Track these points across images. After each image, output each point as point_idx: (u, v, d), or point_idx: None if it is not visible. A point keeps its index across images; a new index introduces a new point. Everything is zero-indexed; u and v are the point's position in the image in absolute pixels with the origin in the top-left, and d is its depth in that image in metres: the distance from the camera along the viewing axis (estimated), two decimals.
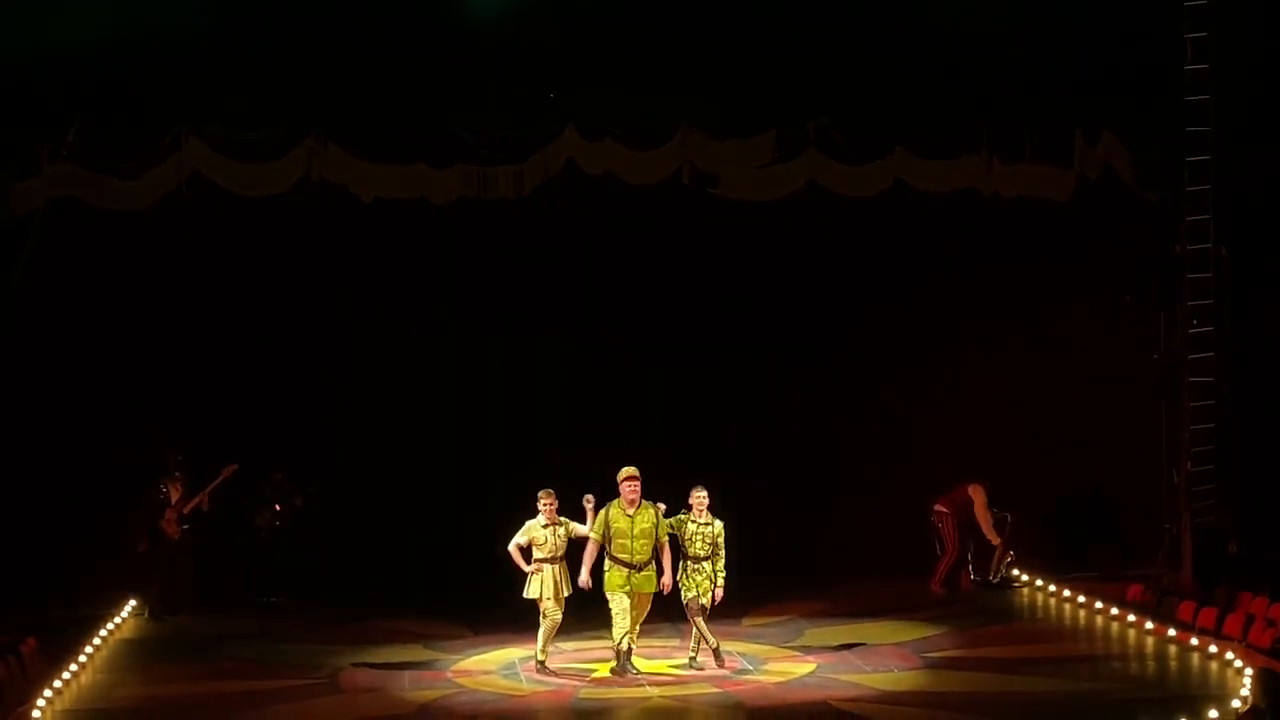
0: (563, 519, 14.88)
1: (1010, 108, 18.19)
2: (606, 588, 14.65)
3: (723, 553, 14.80)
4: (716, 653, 14.89)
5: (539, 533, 14.79)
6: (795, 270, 19.52)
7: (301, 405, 19.03)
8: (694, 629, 14.95)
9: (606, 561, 14.65)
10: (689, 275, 19.37)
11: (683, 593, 14.80)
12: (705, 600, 14.75)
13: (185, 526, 18.07)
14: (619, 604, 14.59)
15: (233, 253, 18.68)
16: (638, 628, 14.86)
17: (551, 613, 14.82)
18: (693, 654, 15.09)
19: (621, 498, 14.61)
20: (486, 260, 19.16)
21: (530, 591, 14.88)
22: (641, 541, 14.54)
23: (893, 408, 19.77)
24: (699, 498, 14.80)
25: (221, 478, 18.23)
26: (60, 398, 18.44)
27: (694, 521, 14.80)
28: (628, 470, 14.70)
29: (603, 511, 14.67)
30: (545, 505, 14.81)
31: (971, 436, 19.25)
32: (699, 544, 14.74)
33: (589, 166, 18.06)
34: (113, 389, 18.51)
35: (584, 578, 14.72)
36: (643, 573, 14.58)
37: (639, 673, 14.67)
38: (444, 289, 19.24)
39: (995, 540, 18.89)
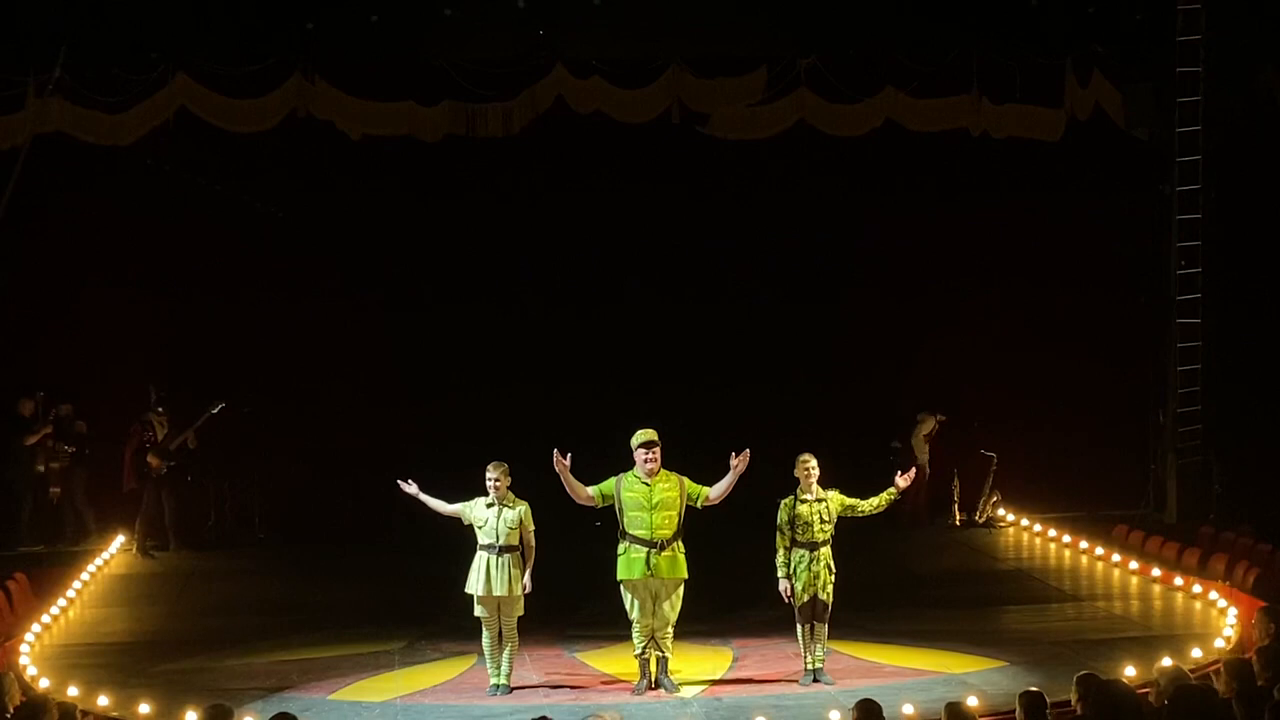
0: (519, 501, 11.95)
1: (1001, 48, 18.14)
2: (618, 576, 11.88)
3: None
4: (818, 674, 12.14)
5: (481, 512, 11.93)
6: (789, 209, 19.41)
7: (286, 344, 18.94)
8: (811, 634, 12.03)
9: (620, 543, 11.82)
10: (678, 215, 19.25)
11: (799, 591, 11.93)
12: (828, 598, 11.98)
13: (172, 463, 18.06)
14: (629, 597, 11.85)
15: (219, 189, 18.57)
16: (670, 629, 11.87)
17: (488, 623, 11.97)
18: (816, 664, 12.10)
19: (636, 467, 11.83)
20: (475, 200, 19.05)
21: (468, 583, 12.07)
22: (663, 514, 11.66)
23: (880, 347, 19.74)
24: (808, 468, 11.93)
25: (208, 415, 18.19)
26: (43, 333, 18.37)
27: (804, 500, 11.92)
28: (644, 434, 11.81)
29: (612, 479, 11.87)
30: (492, 481, 11.86)
31: (956, 375, 19.24)
32: (817, 527, 11.87)
33: (578, 105, 18.00)
34: (92, 325, 18.43)
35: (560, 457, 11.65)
36: (665, 553, 11.68)
37: (678, 690, 11.86)
38: (431, 229, 19.13)
39: (921, 459, 18.63)
